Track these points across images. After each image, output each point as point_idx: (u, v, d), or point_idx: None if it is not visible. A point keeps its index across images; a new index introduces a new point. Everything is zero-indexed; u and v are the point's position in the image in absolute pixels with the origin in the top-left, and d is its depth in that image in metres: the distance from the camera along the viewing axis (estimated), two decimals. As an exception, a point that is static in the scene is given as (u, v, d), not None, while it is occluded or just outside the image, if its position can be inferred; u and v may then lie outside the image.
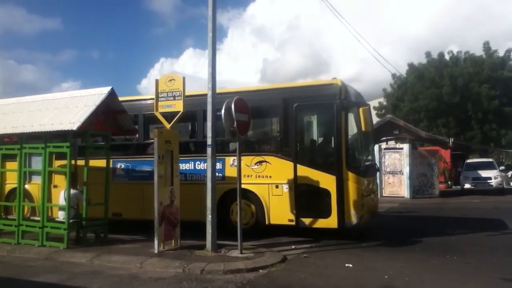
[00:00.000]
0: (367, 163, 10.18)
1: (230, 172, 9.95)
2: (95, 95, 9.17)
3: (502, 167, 26.11)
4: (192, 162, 10.42)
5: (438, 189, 22.08)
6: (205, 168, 9.25)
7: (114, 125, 9.86)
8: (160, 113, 9.09)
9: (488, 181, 22.92)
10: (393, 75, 32.82)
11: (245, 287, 6.33)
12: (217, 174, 9.57)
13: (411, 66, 32.60)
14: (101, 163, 9.82)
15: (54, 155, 9.76)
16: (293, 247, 8.95)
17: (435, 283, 6.46)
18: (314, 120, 10.71)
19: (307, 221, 9.43)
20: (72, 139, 8.91)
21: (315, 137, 10.71)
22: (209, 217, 8.23)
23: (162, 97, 8.94)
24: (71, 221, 8.84)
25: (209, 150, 8.37)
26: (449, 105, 28.99)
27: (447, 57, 31.62)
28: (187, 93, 9.10)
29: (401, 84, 33.02)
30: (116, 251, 8.46)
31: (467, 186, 23.36)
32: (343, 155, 9.19)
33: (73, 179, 9.15)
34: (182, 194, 8.98)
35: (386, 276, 6.74)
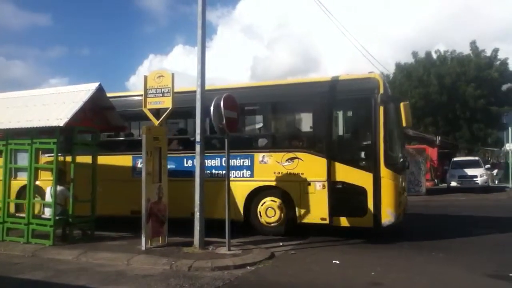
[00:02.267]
0: (401, 159, 9.96)
1: (259, 168, 9.76)
2: (83, 91, 9.08)
3: (487, 166, 26.41)
4: (219, 159, 10.06)
5: (424, 187, 22.25)
6: (233, 164, 9.53)
7: (102, 122, 9.78)
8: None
9: (474, 179, 23.18)
10: (381, 74, 32.94)
11: (232, 284, 6.34)
12: (244, 171, 9.82)
13: (398, 65, 32.81)
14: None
15: (40, 151, 9.69)
16: (281, 244, 8.97)
17: (422, 280, 6.52)
18: (350, 115, 10.39)
19: (340, 220, 9.19)
20: (59, 135, 8.83)
21: (350, 133, 10.33)
22: (197, 214, 8.22)
23: (150, 93, 8.88)
24: (57, 218, 8.77)
25: (197, 147, 8.35)
26: (436, 104, 29.24)
27: (434, 56, 31.87)
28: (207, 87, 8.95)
29: (389, 83, 33.15)
30: (103, 248, 8.41)
31: (453, 184, 23.60)
32: (381, 152, 8.90)
33: (60, 176, 9.07)
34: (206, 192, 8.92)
35: (373, 273, 6.79)
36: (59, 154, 9.04)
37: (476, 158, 26.80)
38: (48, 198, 9.02)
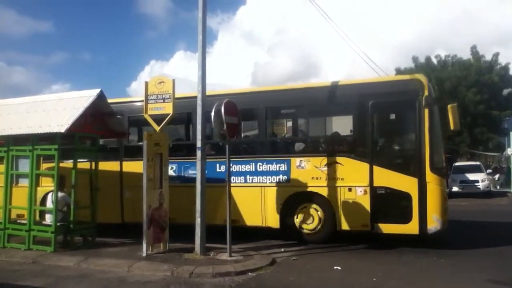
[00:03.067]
0: (445, 164, 9.58)
1: (296, 174, 9.47)
2: (84, 97, 9.10)
3: (489, 170, 26.37)
4: (253, 164, 9.85)
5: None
6: (268, 169, 9.51)
7: (103, 128, 9.80)
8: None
9: (476, 184, 23.12)
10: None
11: (234, 290, 6.33)
12: (281, 176, 9.53)
13: (398, 70, 32.80)
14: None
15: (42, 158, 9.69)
16: (282, 249, 8.96)
17: (423, 286, 6.50)
18: (393, 117, 9.85)
19: (383, 227, 8.85)
20: (60, 141, 8.83)
21: (393, 136, 9.75)
22: (198, 220, 8.22)
23: (151, 99, 8.89)
24: (58, 224, 8.76)
25: (198, 153, 8.36)
26: (437, 109, 29.16)
27: (434, 61, 31.87)
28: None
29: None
30: (104, 254, 8.40)
31: (455, 189, 23.53)
32: (426, 156, 8.58)
33: (61, 182, 9.06)
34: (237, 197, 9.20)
35: (374, 279, 6.77)
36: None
37: (478, 163, 26.76)
38: (49, 204, 9.01)
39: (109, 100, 9.84)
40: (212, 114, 7.88)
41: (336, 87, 9.82)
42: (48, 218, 9.06)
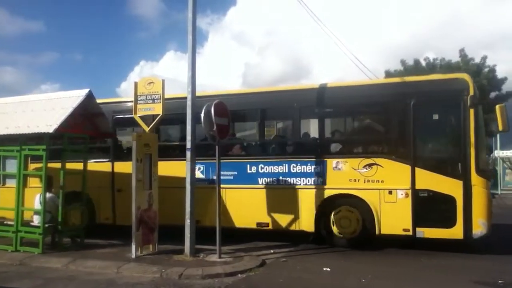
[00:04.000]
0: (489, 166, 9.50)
1: (333, 176, 9.12)
2: (73, 98, 9.03)
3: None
4: (286, 165, 9.51)
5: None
6: (302, 170, 9.23)
7: (92, 128, 9.72)
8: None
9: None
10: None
11: (223, 292, 6.32)
12: (316, 178, 9.22)
13: (388, 73, 32.98)
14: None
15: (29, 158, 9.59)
16: (272, 251, 8.96)
17: (412, 287, 6.54)
18: (436, 118, 9.28)
19: (426, 231, 8.51)
20: (48, 142, 8.75)
21: (437, 137, 9.43)
22: (187, 221, 8.18)
23: (141, 100, 8.85)
24: (46, 225, 8.67)
25: (188, 153, 8.33)
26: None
27: (423, 63, 32.10)
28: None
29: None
30: (93, 256, 8.33)
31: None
32: (472, 158, 8.30)
33: (49, 183, 8.98)
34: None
35: (363, 280, 6.80)
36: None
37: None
38: (37, 205, 8.93)
39: (121, 99, 9.69)
40: (202, 115, 7.86)
41: (376, 86, 9.53)
42: (36, 219, 8.97)
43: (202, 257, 8.07)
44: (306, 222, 9.27)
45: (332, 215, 9.16)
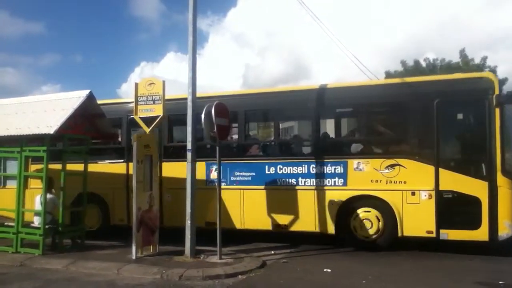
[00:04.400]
0: None
1: (354, 176, 8.97)
2: (73, 99, 9.03)
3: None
4: (306, 165, 9.34)
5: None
6: (322, 171, 9.08)
7: (93, 129, 9.72)
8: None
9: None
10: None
11: (224, 293, 6.32)
12: (336, 179, 9.07)
13: (388, 73, 32.98)
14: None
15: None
16: (272, 252, 8.95)
17: (412, 288, 6.55)
18: (460, 117, 9.12)
19: (450, 233, 8.35)
20: (49, 143, 8.75)
21: (461, 137, 9.18)
22: (188, 222, 8.17)
23: (141, 101, 8.84)
24: (47, 226, 8.67)
25: (189, 154, 8.31)
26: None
27: (423, 64, 32.11)
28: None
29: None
30: (93, 257, 8.33)
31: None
32: (497, 158, 8.14)
33: (50, 184, 8.98)
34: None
35: (364, 281, 6.79)
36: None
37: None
38: (38, 206, 8.93)
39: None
40: (203, 116, 7.86)
41: (398, 85, 9.43)
42: (36, 221, 8.97)
43: (203, 258, 8.07)
44: (326, 224, 9.12)
45: (353, 217, 9.03)
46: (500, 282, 6.70)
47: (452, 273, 7.35)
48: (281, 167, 9.40)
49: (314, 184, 9.22)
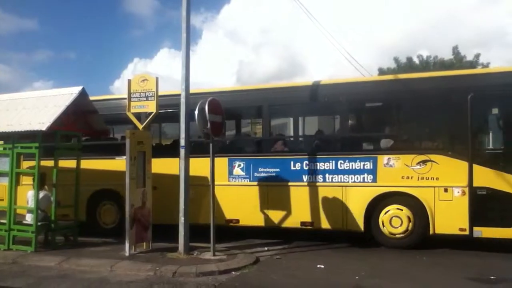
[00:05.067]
0: None
1: (384, 173, 8.75)
2: (66, 95, 8.98)
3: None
4: (333, 161, 9.07)
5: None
6: (351, 167, 8.86)
7: (85, 126, 9.67)
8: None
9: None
10: None
11: (217, 290, 6.32)
12: (365, 175, 8.86)
13: (381, 70, 33.05)
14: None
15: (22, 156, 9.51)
16: (266, 248, 8.96)
17: (405, 284, 6.58)
18: (495, 112, 8.93)
19: (484, 230, 8.17)
20: (41, 139, 8.69)
21: (496, 132, 9.03)
22: (181, 219, 8.16)
23: (134, 97, 8.81)
24: (39, 223, 8.63)
25: (182, 151, 8.30)
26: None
27: (416, 60, 32.20)
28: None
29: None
30: (86, 254, 8.30)
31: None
32: None
33: (42, 181, 8.93)
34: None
35: (357, 277, 6.82)
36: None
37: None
38: (30, 202, 8.87)
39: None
40: (196, 112, 7.84)
41: (431, 79, 9.20)
42: (29, 218, 8.92)
43: (196, 255, 8.07)
44: (355, 221, 8.93)
45: (382, 214, 8.84)
46: (491, 277, 6.76)
47: (445, 268, 7.41)
48: (307, 163, 9.20)
49: (342, 180, 9.02)
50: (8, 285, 6.59)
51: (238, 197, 9.03)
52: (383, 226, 8.84)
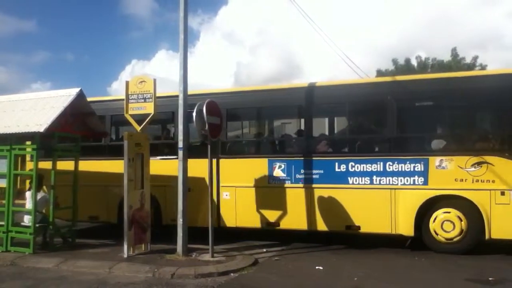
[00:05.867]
0: None
1: (436, 175, 8.34)
2: (63, 97, 8.96)
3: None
4: (381, 163, 8.73)
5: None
6: (400, 169, 8.52)
7: (83, 128, 9.65)
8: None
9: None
10: None
11: (216, 291, 6.32)
12: (416, 177, 8.48)
13: (379, 72, 33.10)
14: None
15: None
16: (264, 250, 8.96)
17: (403, 285, 6.59)
18: None
19: None
20: (39, 141, 8.68)
21: None
22: (180, 221, 8.16)
23: (132, 99, 8.80)
24: (37, 225, 8.61)
25: (180, 153, 8.29)
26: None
27: (414, 62, 32.27)
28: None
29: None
30: (84, 256, 8.29)
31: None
32: None
33: (40, 182, 8.91)
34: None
35: (355, 278, 6.83)
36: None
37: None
38: (28, 204, 8.86)
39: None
40: (194, 114, 7.84)
41: (485, 77, 8.86)
42: (27, 219, 8.90)
43: (195, 257, 8.06)
44: (404, 225, 8.55)
45: (434, 218, 8.47)
46: (490, 279, 6.77)
47: (444, 270, 7.41)
48: (353, 164, 8.88)
49: (391, 183, 8.66)
50: (6, 286, 6.59)
51: (278, 199, 8.84)
52: (434, 230, 8.48)
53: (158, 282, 6.70)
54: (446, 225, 8.38)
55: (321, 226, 8.91)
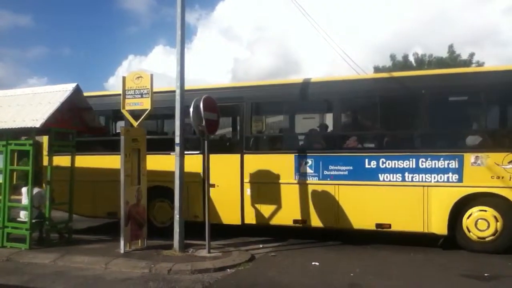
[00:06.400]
0: None
1: (471, 172, 8.08)
2: (60, 92, 8.93)
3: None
4: (414, 159, 8.47)
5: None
6: (433, 166, 8.30)
7: (80, 123, 9.62)
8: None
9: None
10: None
11: (212, 287, 6.33)
12: (451, 174, 8.24)
13: (376, 68, 33.11)
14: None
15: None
16: (261, 246, 8.97)
17: (399, 281, 6.61)
18: None
19: None
20: (35, 136, 8.66)
21: None
22: (176, 217, 8.16)
23: (129, 94, 8.77)
24: (34, 221, 8.59)
25: (177, 149, 8.28)
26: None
27: (411, 59, 32.31)
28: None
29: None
30: (81, 251, 8.28)
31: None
32: None
33: (37, 178, 8.89)
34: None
35: (351, 274, 6.86)
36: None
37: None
38: (24, 199, 8.84)
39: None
40: (191, 109, 7.83)
41: None
42: (23, 215, 8.88)
43: (191, 252, 8.07)
44: (437, 223, 8.33)
45: (468, 214, 8.27)
46: (486, 274, 6.81)
47: (439, 266, 7.45)
48: (384, 160, 8.67)
49: (424, 180, 8.41)
50: (2, 282, 6.57)
51: (305, 196, 8.69)
52: (467, 229, 8.28)
53: (155, 277, 6.71)
54: (481, 223, 8.18)
55: (350, 224, 8.75)
